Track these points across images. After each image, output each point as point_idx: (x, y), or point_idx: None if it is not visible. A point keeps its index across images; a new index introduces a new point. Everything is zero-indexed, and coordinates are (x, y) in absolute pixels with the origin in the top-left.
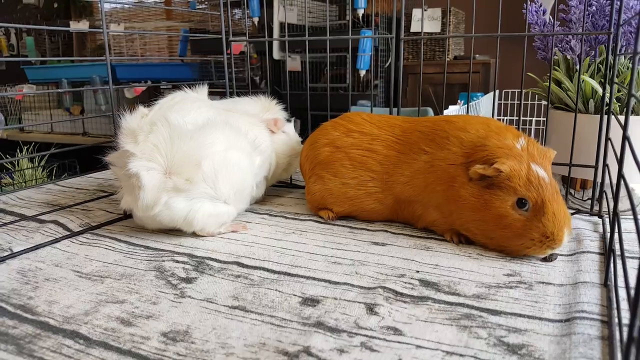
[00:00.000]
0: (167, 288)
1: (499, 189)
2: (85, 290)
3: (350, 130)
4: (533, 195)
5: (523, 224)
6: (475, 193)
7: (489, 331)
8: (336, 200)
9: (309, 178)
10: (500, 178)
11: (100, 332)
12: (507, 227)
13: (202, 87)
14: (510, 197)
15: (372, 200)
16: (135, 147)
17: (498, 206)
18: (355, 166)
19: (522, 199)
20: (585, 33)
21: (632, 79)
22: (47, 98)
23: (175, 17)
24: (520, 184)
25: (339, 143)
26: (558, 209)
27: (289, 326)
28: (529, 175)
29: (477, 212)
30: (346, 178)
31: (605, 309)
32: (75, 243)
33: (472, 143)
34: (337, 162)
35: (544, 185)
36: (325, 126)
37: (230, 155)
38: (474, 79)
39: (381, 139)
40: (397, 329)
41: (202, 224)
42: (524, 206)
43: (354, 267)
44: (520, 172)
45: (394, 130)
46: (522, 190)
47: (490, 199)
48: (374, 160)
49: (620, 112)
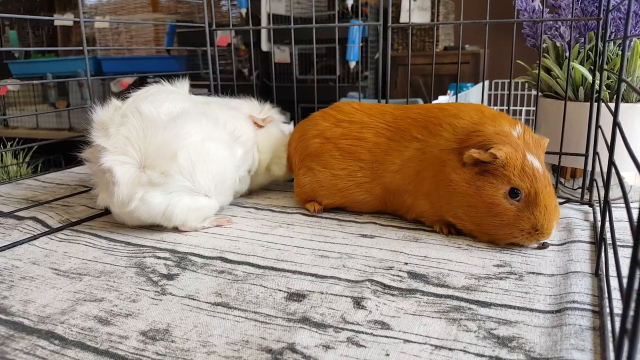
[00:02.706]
0: (148, 285)
1: (492, 176)
2: (63, 288)
3: (340, 120)
4: (526, 185)
5: (514, 213)
6: (467, 178)
7: (478, 324)
8: (327, 193)
9: (298, 170)
10: (495, 165)
11: (76, 332)
12: (497, 216)
13: (183, 80)
14: (503, 185)
15: (361, 191)
16: (107, 141)
17: (490, 194)
18: (345, 156)
19: (515, 188)
20: (574, 19)
21: (622, 64)
22: (32, 93)
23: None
24: (514, 173)
25: (329, 134)
26: (550, 201)
27: (273, 322)
28: (524, 165)
29: (467, 198)
30: (336, 169)
31: (596, 298)
32: (54, 240)
33: (466, 129)
34: (327, 153)
35: (537, 176)
36: (315, 116)
37: (208, 146)
38: (464, 69)
39: (371, 127)
40: (384, 323)
41: (182, 219)
42: (516, 196)
43: (341, 260)
44: (516, 160)
45: (385, 117)
46: (516, 180)
47: (482, 185)
48: (363, 149)
49: (610, 99)
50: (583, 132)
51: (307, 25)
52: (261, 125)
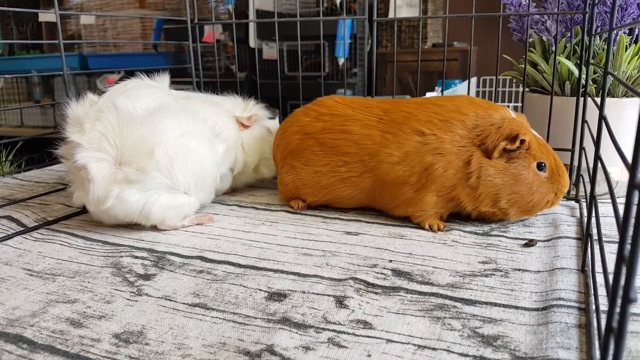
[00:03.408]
0: (124, 286)
1: (520, 159)
2: (35, 289)
3: (321, 114)
4: (546, 157)
5: (547, 184)
6: (501, 169)
7: (463, 322)
8: (310, 191)
9: (281, 168)
10: (522, 149)
11: (46, 335)
12: (537, 191)
13: (163, 75)
14: (530, 163)
15: (346, 186)
16: (82, 137)
17: (526, 175)
18: (327, 152)
19: (540, 162)
20: (560, 13)
21: (607, 57)
22: (17, 90)
23: (149, 6)
24: (536, 149)
25: (309, 129)
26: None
27: (252, 323)
28: (537, 141)
29: (509, 186)
30: (318, 166)
31: (582, 295)
32: (29, 239)
33: (476, 124)
34: (308, 149)
35: (546, 145)
36: (297, 113)
37: (187, 142)
38: (453, 66)
39: (356, 119)
40: (367, 322)
41: (161, 217)
42: (542, 168)
43: (324, 258)
44: (532, 139)
45: (373, 110)
46: (539, 155)
47: (517, 171)
48: (348, 142)
49: (597, 94)
50: (569, 127)
51: (291, 19)
52: (247, 125)
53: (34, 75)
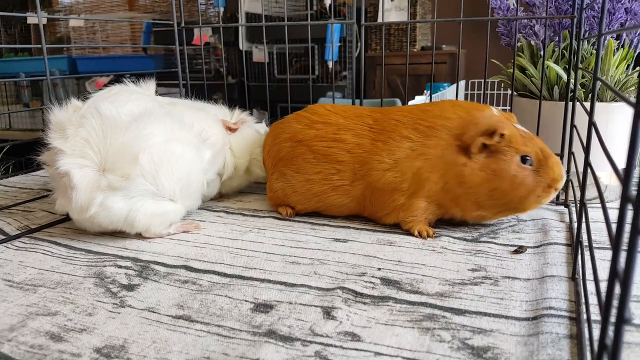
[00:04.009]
0: (106, 297)
1: (501, 154)
2: (15, 301)
3: (314, 122)
4: (531, 149)
5: (533, 176)
6: (480, 166)
7: (452, 333)
8: (300, 198)
9: (272, 175)
10: (502, 143)
11: (24, 350)
12: (521, 185)
13: (149, 81)
14: (513, 157)
15: (338, 194)
16: (64, 143)
17: (507, 169)
18: (319, 159)
19: (524, 155)
20: (548, 17)
21: (597, 62)
22: (5, 93)
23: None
24: (519, 142)
25: (301, 136)
26: (551, 153)
27: (237, 337)
28: (520, 133)
29: (489, 183)
30: (310, 173)
31: (573, 304)
32: (11, 248)
33: (458, 126)
34: (299, 157)
35: (533, 137)
36: (288, 119)
37: (172, 148)
38: (441, 69)
39: (348, 129)
40: (355, 334)
41: (146, 225)
42: (526, 161)
43: (312, 266)
44: (514, 132)
45: (364, 120)
46: (522, 147)
47: (497, 166)
48: (341, 150)
49: (585, 98)
50: (558, 131)
51: (279, 23)
52: (234, 128)
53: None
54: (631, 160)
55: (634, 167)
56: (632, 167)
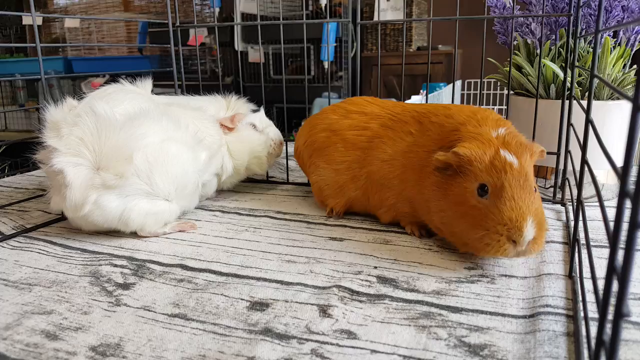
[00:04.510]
0: (102, 296)
1: (460, 175)
2: (10, 300)
3: (350, 112)
4: (493, 180)
5: (481, 212)
6: (438, 182)
7: (449, 331)
8: (331, 192)
9: (309, 168)
10: (462, 163)
11: (20, 349)
12: (466, 216)
13: (145, 80)
14: (470, 183)
15: (355, 186)
16: (59, 141)
17: (456, 192)
18: (348, 147)
19: (483, 184)
20: (544, 15)
21: (594, 59)
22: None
23: (134, 9)
24: (481, 168)
25: (336, 126)
26: (522, 196)
27: (233, 335)
28: (494, 160)
29: (438, 202)
30: (337, 163)
31: (570, 302)
32: (6, 247)
33: (449, 130)
34: (331, 146)
35: (508, 171)
36: (325, 110)
37: (167, 148)
38: (438, 69)
39: (379, 117)
40: (351, 332)
41: (140, 224)
42: (485, 193)
43: (308, 265)
44: (483, 156)
45: (394, 109)
46: (483, 175)
47: (449, 186)
48: (365, 137)
49: (582, 96)
50: (555, 130)
51: (275, 22)
52: (231, 127)
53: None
54: (629, 155)
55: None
56: (630, 162)
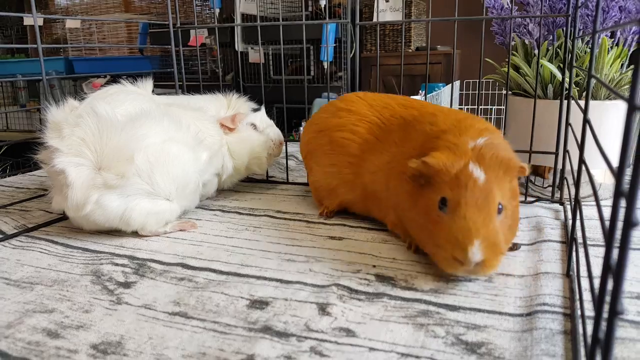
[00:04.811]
0: (103, 294)
1: (429, 185)
2: (12, 299)
3: (339, 109)
4: (454, 194)
5: (437, 226)
6: (411, 190)
7: (446, 329)
8: (325, 194)
9: (306, 167)
10: (431, 173)
11: (21, 347)
12: (426, 228)
13: (146, 80)
14: (435, 194)
15: (347, 190)
16: (61, 142)
17: (424, 203)
18: (336, 151)
19: (444, 198)
20: (542, 16)
21: (591, 59)
22: (2, 94)
23: (135, 10)
24: (445, 180)
25: (324, 125)
26: (474, 215)
27: (233, 332)
28: (460, 174)
29: (409, 211)
30: (326, 165)
31: (567, 300)
32: (8, 247)
33: (431, 137)
34: (319, 148)
35: (470, 187)
36: (322, 107)
37: (168, 148)
38: (437, 69)
39: (367, 120)
40: (350, 330)
41: (141, 223)
42: (445, 207)
43: (308, 264)
44: (451, 168)
45: (383, 112)
46: (446, 188)
47: (420, 196)
48: (355, 144)
49: (580, 96)
50: (553, 130)
51: (275, 23)
52: (232, 127)
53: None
54: (624, 154)
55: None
56: (626, 161)
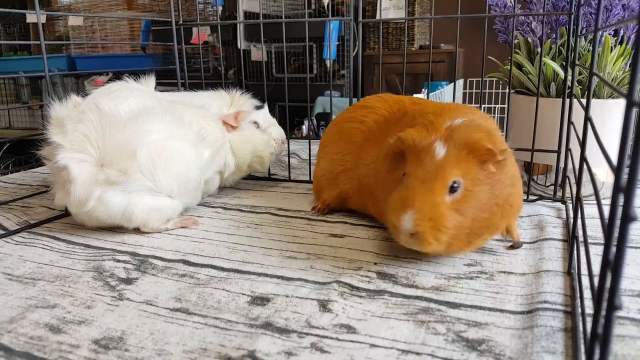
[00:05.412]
0: (105, 290)
1: (403, 162)
2: (14, 294)
3: (356, 107)
4: (410, 168)
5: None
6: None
7: (447, 326)
8: (326, 183)
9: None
10: (404, 149)
11: (24, 342)
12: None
13: (149, 77)
14: (403, 169)
15: (346, 179)
16: (64, 138)
17: (395, 177)
18: (342, 139)
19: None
20: (545, 13)
21: (593, 57)
22: (5, 92)
23: (137, 7)
24: (412, 155)
25: (338, 119)
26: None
27: (234, 329)
28: (422, 149)
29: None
30: (332, 153)
31: (568, 298)
32: (10, 243)
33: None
34: (329, 138)
35: (425, 162)
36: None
37: (170, 145)
38: (440, 68)
39: (377, 113)
40: (350, 326)
41: (143, 219)
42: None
43: (309, 261)
44: (419, 144)
45: (394, 107)
46: (409, 162)
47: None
48: (360, 132)
49: (582, 95)
50: (555, 128)
51: (277, 20)
52: (234, 125)
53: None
54: (623, 150)
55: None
56: (624, 157)
